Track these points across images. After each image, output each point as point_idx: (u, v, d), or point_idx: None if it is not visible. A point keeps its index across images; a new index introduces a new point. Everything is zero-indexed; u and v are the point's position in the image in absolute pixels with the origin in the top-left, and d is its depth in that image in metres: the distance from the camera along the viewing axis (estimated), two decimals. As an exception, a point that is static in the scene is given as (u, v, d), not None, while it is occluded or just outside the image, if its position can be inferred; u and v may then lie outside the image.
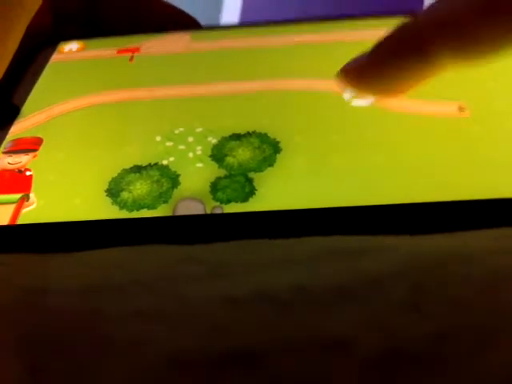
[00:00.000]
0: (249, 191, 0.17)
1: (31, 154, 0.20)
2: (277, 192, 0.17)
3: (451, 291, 0.12)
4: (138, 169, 0.19)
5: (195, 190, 0.18)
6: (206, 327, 0.12)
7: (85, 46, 0.25)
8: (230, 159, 0.19)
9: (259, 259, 0.14)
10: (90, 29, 0.26)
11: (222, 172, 0.18)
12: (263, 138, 0.19)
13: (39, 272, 0.15)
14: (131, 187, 0.18)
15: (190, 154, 0.19)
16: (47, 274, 0.15)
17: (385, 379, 0.11)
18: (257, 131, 0.19)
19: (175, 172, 0.18)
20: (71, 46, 0.25)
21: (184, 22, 0.26)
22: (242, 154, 0.19)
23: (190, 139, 0.19)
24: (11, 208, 0.18)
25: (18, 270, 0.15)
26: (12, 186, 0.19)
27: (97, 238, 0.17)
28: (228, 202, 0.17)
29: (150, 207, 0.17)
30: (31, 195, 0.18)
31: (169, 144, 0.19)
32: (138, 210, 0.17)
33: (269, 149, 0.19)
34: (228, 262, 0.14)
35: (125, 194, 0.18)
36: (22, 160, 0.20)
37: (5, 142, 0.20)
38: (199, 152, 0.19)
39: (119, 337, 0.12)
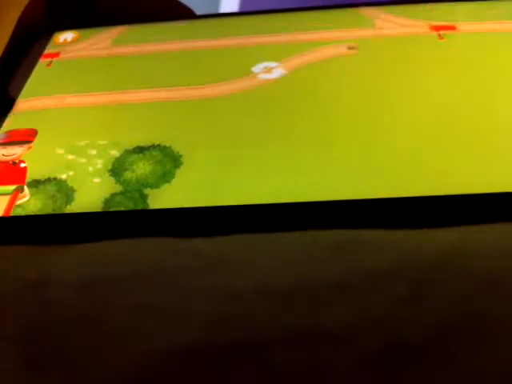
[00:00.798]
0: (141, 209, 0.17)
1: (26, 146, 0.20)
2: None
3: (451, 286, 0.12)
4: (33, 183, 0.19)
5: (88, 205, 0.18)
6: (206, 319, 0.12)
7: (79, 36, 0.25)
8: (128, 174, 0.18)
9: (259, 253, 0.14)
10: (84, 18, 0.26)
11: (119, 188, 0.18)
12: (166, 151, 0.19)
13: (38, 265, 0.15)
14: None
15: (90, 168, 0.19)
16: (46, 266, 0.15)
17: (385, 373, 0.11)
18: (161, 144, 0.19)
19: (72, 187, 0.18)
20: (66, 36, 0.25)
21: (180, 13, 0.26)
22: (142, 169, 0.19)
23: (93, 152, 0.19)
24: (5, 200, 0.18)
25: (17, 263, 0.15)
26: (6, 178, 0.19)
27: (93, 230, 0.16)
28: (118, 219, 0.17)
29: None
30: (25, 187, 0.18)
31: (70, 157, 0.19)
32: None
33: (169, 163, 0.19)
34: (228, 256, 0.14)
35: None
36: (16, 152, 0.20)
37: None
38: (99, 166, 0.19)
39: (119, 330, 0.12)
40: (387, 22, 0.24)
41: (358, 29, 0.23)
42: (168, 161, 0.19)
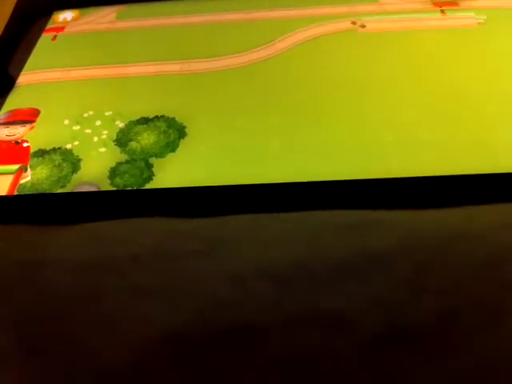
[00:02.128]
0: (147, 177, 0.17)
1: (28, 126, 0.20)
2: (174, 178, 0.17)
3: (453, 270, 0.12)
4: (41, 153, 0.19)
5: (93, 174, 0.18)
6: (207, 303, 0.12)
7: (80, 15, 0.25)
8: (133, 144, 0.19)
9: (259, 235, 0.14)
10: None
11: (124, 157, 0.18)
12: (170, 122, 0.19)
13: (38, 245, 0.15)
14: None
15: (95, 138, 0.19)
16: (46, 247, 0.15)
17: (384, 358, 0.11)
18: (165, 115, 0.19)
19: (78, 156, 0.18)
20: (66, 16, 0.25)
21: None
22: (147, 139, 0.19)
23: (98, 123, 0.19)
24: (9, 179, 0.18)
25: (17, 244, 0.15)
26: (9, 157, 0.19)
27: (96, 209, 0.17)
28: (124, 187, 0.17)
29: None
30: (29, 166, 0.18)
31: (76, 128, 0.19)
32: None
33: (174, 134, 0.19)
34: (228, 238, 0.14)
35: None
36: (19, 131, 0.19)
37: (0, 113, 0.20)
38: (104, 136, 0.19)
39: (119, 313, 0.12)
40: (391, -2, 0.24)
41: (361, 4, 0.23)
42: (172, 131, 0.19)
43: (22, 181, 0.18)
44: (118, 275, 0.13)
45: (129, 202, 0.17)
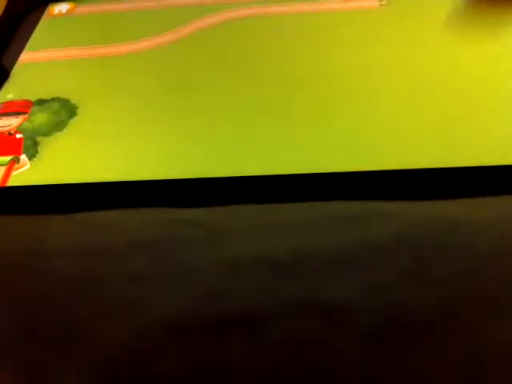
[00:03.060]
0: (31, 154, 0.19)
1: (21, 117, 0.21)
2: (57, 156, 0.19)
3: (453, 261, 0.12)
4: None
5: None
6: (206, 292, 0.12)
7: (76, 6, 0.26)
8: (26, 124, 0.20)
9: (259, 224, 0.15)
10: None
11: (18, 137, 0.20)
12: (64, 103, 0.21)
13: (37, 234, 0.15)
14: None
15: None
16: (44, 235, 0.15)
17: (384, 349, 0.11)
18: (61, 97, 0.21)
19: None
20: (61, 8, 0.25)
21: None
22: (40, 118, 0.20)
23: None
24: (1, 170, 0.19)
25: (16, 233, 0.15)
26: (2, 149, 0.20)
27: (93, 200, 0.17)
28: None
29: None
30: (21, 157, 0.19)
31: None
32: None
33: (65, 114, 0.20)
34: (227, 226, 0.14)
35: None
36: (12, 123, 0.20)
37: None
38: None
39: (118, 300, 0.13)
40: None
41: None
42: (64, 112, 0.20)
43: (15, 172, 0.19)
44: (117, 263, 0.13)
45: (129, 192, 0.17)
